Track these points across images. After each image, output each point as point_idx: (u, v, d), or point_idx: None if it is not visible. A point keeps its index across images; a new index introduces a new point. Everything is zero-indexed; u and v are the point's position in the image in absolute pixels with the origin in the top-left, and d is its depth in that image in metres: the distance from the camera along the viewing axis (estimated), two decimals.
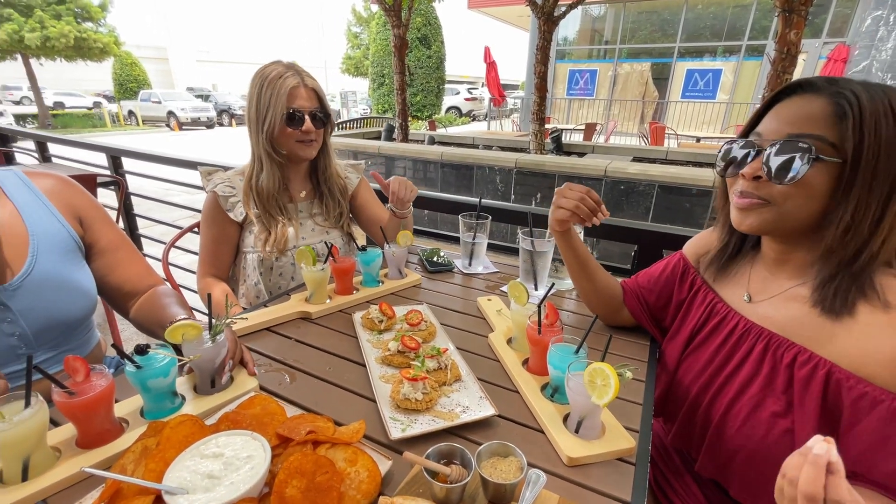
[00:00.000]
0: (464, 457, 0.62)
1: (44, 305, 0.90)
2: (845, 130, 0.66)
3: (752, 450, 0.76)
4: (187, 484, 0.55)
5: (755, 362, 0.79)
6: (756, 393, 0.78)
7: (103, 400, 0.68)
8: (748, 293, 0.86)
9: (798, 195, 0.70)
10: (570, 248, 1.05)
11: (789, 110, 0.73)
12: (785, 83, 3.15)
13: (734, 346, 0.84)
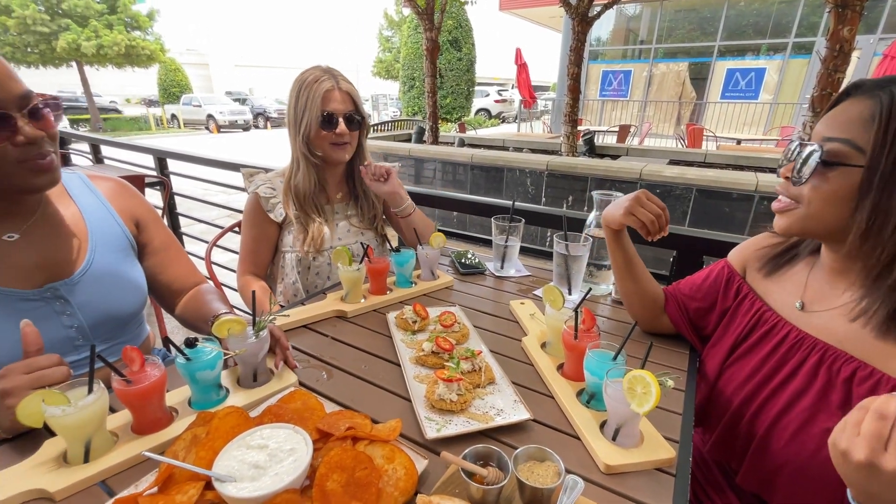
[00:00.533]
0: (500, 459, 0.62)
1: (100, 300, 0.95)
2: (873, 133, 0.65)
3: (801, 466, 0.73)
4: (235, 472, 0.58)
5: (807, 375, 0.77)
6: (808, 407, 0.75)
7: (157, 389, 0.72)
8: (801, 301, 0.83)
9: (819, 197, 0.70)
10: (621, 247, 1.04)
11: (834, 113, 0.72)
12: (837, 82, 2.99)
13: (784, 357, 0.81)
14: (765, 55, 11.32)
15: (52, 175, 0.83)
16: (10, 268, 0.84)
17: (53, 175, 0.84)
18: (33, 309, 0.86)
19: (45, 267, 0.89)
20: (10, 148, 0.75)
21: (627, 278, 1.05)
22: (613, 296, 1.32)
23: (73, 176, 1.01)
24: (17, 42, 15.96)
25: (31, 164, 0.79)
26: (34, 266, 0.87)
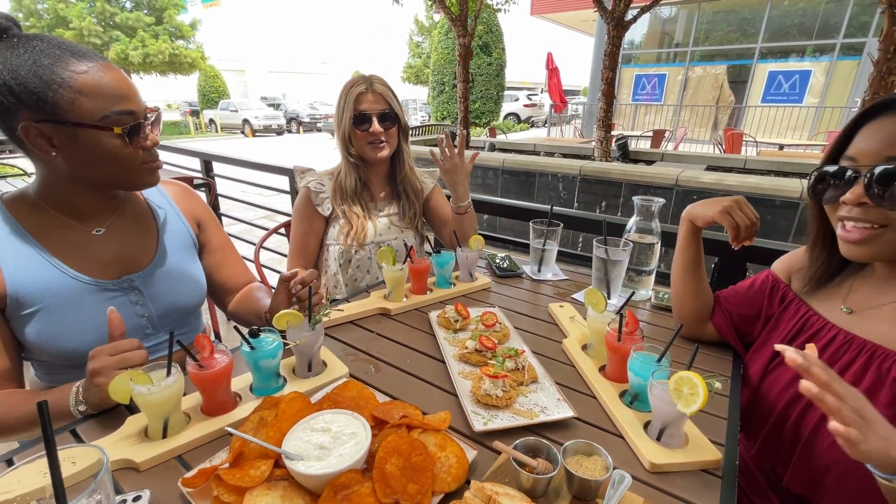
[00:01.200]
0: (550, 452, 0.65)
1: (167, 292, 1.03)
2: None
3: (850, 466, 0.72)
4: (302, 451, 0.62)
5: (855, 374, 0.77)
6: None
7: (225, 374, 0.78)
8: (847, 305, 0.83)
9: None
10: (695, 245, 1.05)
11: (883, 132, 0.71)
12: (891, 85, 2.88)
13: (831, 358, 0.82)
14: (810, 57, 10.86)
15: (157, 176, 0.95)
16: (95, 260, 0.93)
17: (157, 176, 0.95)
18: (112, 298, 0.94)
19: (122, 260, 0.97)
20: (140, 151, 0.87)
21: (690, 278, 1.06)
22: (653, 301, 1.31)
23: None
24: None
25: (150, 165, 0.91)
26: (113, 259, 0.96)
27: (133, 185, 0.96)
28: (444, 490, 0.63)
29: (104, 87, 0.80)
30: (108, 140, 0.82)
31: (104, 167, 0.86)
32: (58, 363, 0.93)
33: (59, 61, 0.78)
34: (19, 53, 0.76)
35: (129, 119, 0.83)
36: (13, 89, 0.75)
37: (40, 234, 0.88)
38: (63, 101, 0.78)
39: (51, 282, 0.87)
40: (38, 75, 0.76)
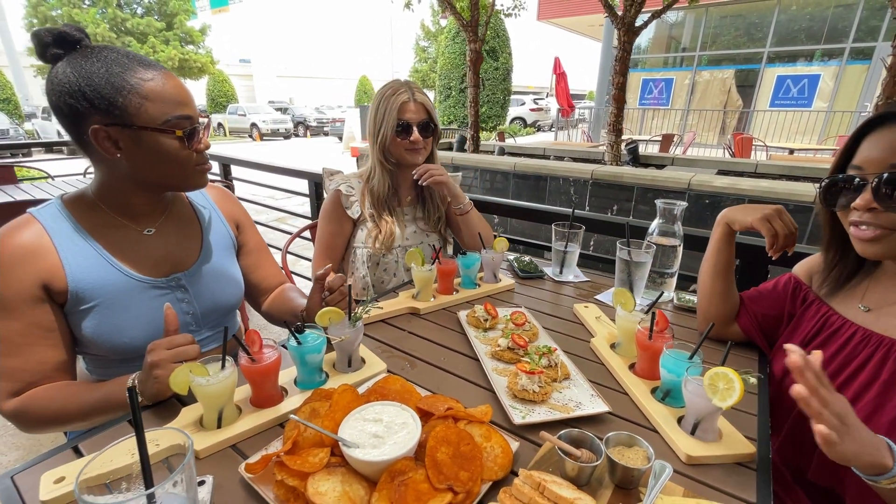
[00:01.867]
0: (593, 443, 0.67)
1: (211, 291, 1.07)
2: None
3: None
4: (357, 440, 0.66)
5: (874, 369, 0.81)
6: (874, 398, 0.78)
7: (274, 368, 0.82)
8: (865, 304, 0.87)
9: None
10: (729, 247, 1.07)
11: (887, 141, 0.76)
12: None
13: (850, 354, 0.86)
14: (819, 61, 10.84)
15: (207, 178, 1.00)
16: (146, 258, 0.97)
17: (207, 178, 1.00)
18: (161, 295, 0.98)
19: (171, 259, 1.01)
20: (194, 154, 0.92)
21: (721, 280, 1.08)
22: (675, 302, 1.34)
23: None
24: None
25: (202, 167, 0.96)
26: (162, 258, 1.00)
27: (186, 186, 1.00)
28: (492, 478, 0.66)
29: (167, 93, 0.86)
30: (168, 142, 0.87)
31: (163, 168, 0.90)
32: (110, 357, 0.97)
33: (129, 70, 0.83)
34: (93, 62, 0.81)
35: (187, 123, 0.89)
36: (87, 95, 0.80)
37: (97, 233, 0.93)
38: (131, 105, 0.83)
39: (107, 279, 0.91)
40: (111, 82, 0.81)
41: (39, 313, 0.87)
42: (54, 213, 0.92)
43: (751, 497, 0.67)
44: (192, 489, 0.54)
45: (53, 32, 0.83)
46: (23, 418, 0.86)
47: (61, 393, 0.87)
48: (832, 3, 10.36)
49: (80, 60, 0.82)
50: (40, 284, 0.86)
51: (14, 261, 0.85)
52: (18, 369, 0.86)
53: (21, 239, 0.87)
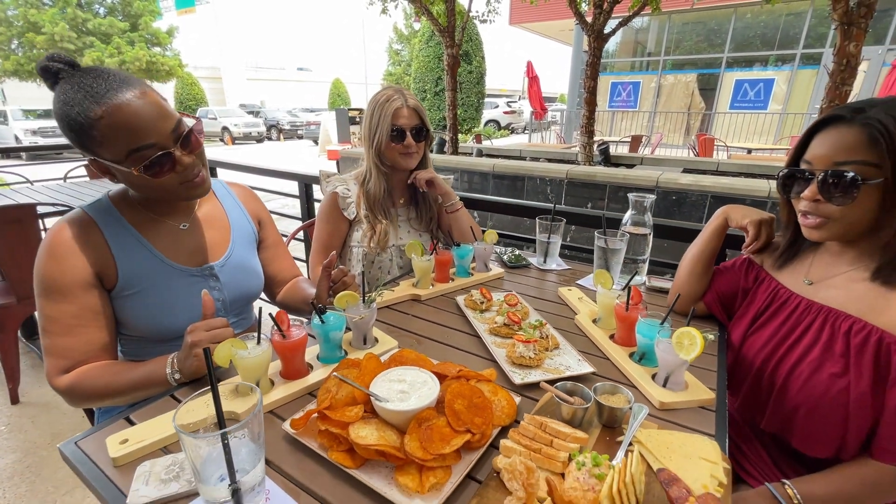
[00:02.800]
0: (584, 392, 0.81)
1: (238, 280, 1.17)
2: (881, 153, 0.81)
3: (813, 405, 0.90)
4: (387, 396, 0.77)
5: (815, 332, 0.94)
6: (816, 357, 0.92)
7: (302, 344, 0.92)
8: (808, 278, 1.01)
9: (854, 211, 0.86)
10: (718, 238, 1.21)
11: (831, 141, 0.88)
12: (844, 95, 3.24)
13: (796, 321, 0.99)
14: (773, 66, 11.49)
15: (204, 187, 1.01)
16: (182, 250, 1.06)
17: (204, 186, 1.01)
18: (196, 283, 1.07)
19: (203, 251, 1.10)
20: (174, 175, 0.93)
21: (703, 264, 1.22)
22: (647, 284, 1.50)
23: (218, 183, 1.24)
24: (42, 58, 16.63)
25: (188, 183, 0.97)
26: (197, 249, 1.09)
27: (182, 200, 1.03)
28: (501, 423, 0.79)
29: (120, 128, 0.85)
30: (136, 176, 0.89)
31: (147, 191, 0.97)
32: (148, 338, 1.05)
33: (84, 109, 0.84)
34: (63, 105, 0.86)
35: (152, 151, 0.88)
36: (70, 125, 0.86)
37: (140, 227, 1.02)
38: (94, 143, 0.87)
39: (150, 267, 1.00)
40: (76, 118, 0.85)
41: (90, 298, 0.95)
42: (103, 208, 1.00)
43: (710, 430, 0.81)
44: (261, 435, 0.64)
45: (40, 65, 0.88)
46: (73, 393, 0.93)
47: (108, 371, 0.95)
48: (784, 11, 11.01)
49: (60, 102, 0.86)
50: (94, 272, 0.95)
51: (70, 250, 0.93)
52: (70, 348, 0.94)
53: (77, 231, 0.95)
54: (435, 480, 0.66)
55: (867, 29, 3.54)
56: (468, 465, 0.71)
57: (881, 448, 0.84)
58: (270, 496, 0.67)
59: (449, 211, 1.67)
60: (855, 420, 0.85)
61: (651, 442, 0.74)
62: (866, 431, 0.86)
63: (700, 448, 0.73)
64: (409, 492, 0.65)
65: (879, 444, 0.84)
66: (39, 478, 1.85)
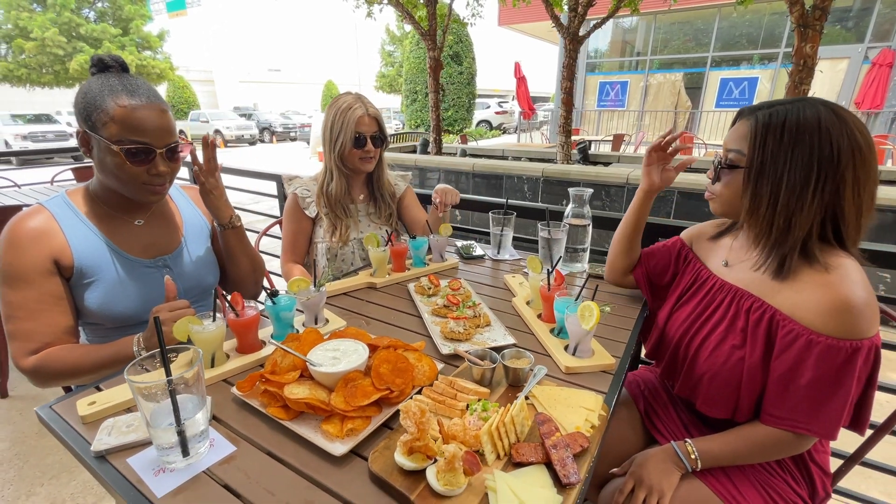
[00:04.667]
0: (492, 356, 0.93)
1: (191, 271, 1.28)
2: (750, 145, 0.94)
3: (715, 372, 1.01)
4: (320, 361, 0.89)
5: (724, 310, 1.05)
6: (722, 331, 1.03)
7: (254, 322, 1.04)
8: (726, 260, 1.12)
9: (726, 191, 1.01)
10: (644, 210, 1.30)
11: (732, 131, 1.01)
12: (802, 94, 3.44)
13: (710, 299, 1.10)
14: (759, 65, 11.70)
15: (158, 197, 1.16)
16: (137, 243, 1.18)
17: (159, 197, 1.16)
18: (150, 274, 1.19)
19: (157, 245, 1.22)
20: (144, 174, 1.07)
21: (629, 236, 1.32)
22: (587, 271, 1.63)
23: (172, 187, 1.36)
24: (33, 63, 16.60)
25: (150, 187, 1.10)
26: (150, 243, 1.21)
27: (135, 197, 1.14)
28: (421, 384, 0.91)
29: (129, 119, 1.02)
30: (116, 157, 1.04)
31: (112, 175, 1.08)
32: (107, 325, 1.16)
33: (113, 94, 1.02)
34: (99, 83, 1.03)
35: (137, 146, 1.04)
36: (79, 104, 1.03)
37: (96, 221, 1.13)
38: (100, 120, 1.02)
39: (106, 258, 1.12)
40: (96, 100, 1.02)
41: (51, 284, 1.06)
42: (60, 203, 1.12)
43: (604, 389, 0.94)
44: (202, 388, 0.76)
45: (97, 56, 1.08)
46: (40, 372, 1.04)
47: (75, 352, 1.06)
48: (767, 10, 11.23)
49: (94, 81, 1.04)
50: (51, 260, 1.06)
51: (29, 241, 1.04)
52: (34, 331, 1.05)
53: (34, 223, 1.06)
54: (352, 426, 0.78)
55: (822, 31, 3.70)
56: (385, 416, 0.83)
57: (766, 413, 0.95)
58: (214, 443, 0.79)
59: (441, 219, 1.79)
60: (747, 386, 0.97)
61: (542, 395, 0.86)
62: (756, 396, 0.98)
63: (583, 400, 0.85)
64: (331, 437, 0.78)
65: (765, 409, 0.95)
66: (27, 464, 1.96)
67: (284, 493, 0.69)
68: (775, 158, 0.90)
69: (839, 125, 0.87)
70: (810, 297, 0.88)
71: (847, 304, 0.83)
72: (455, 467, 0.64)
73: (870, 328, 0.84)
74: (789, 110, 0.91)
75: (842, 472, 1.09)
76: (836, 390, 0.86)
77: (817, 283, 0.88)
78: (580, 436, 0.75)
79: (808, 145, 0.87)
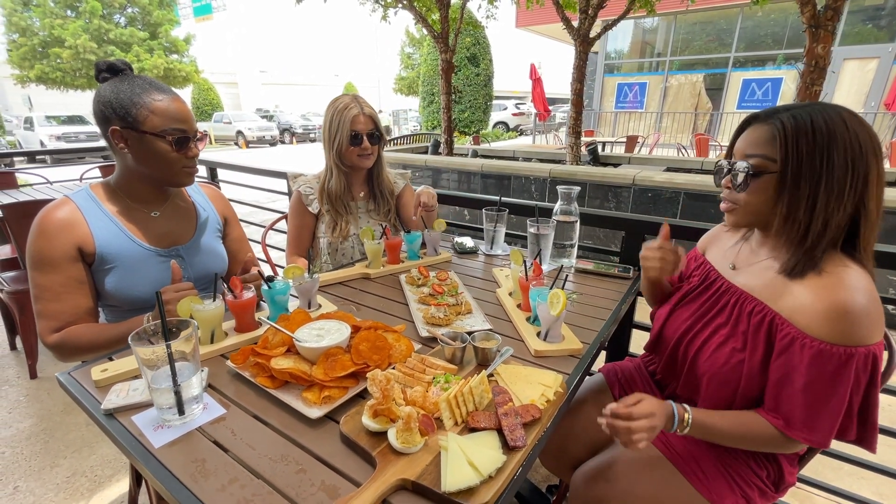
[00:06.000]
0: (463, 337, 1.01)
1: (202, 261, 1.39)
2: (777, 148, 0.89)
3: (715, 372, 1.01)
4: (306, 338, 0.98)
5: (728, 311, 1.05)
6: (724, 333, 1.03)
7: (251, 304, 1.14)
8: (734, 263, 1.11)
9: (753, 199, 0.96)
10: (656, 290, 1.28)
11: (748, 136, 0.98)
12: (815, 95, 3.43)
13: (715, 301, 1.10)
14: (785, 65, 11.42)
15: (193, 179, 1.31)
16: (153, 233, 1.29)
17: (193, 179, 1.31)
18: (165, 261, 1.30)
19: (171, 235, 1.33)
20: (183, 158, 1.22)
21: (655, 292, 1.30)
22: (575, 267, 1.68)
23: None
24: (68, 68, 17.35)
25: (188, 169, 1.26)
26: (165, 234, 1.32)
27: (174, 182, 1.28)
28: (397, 361, 0.99)
29: (169, 111, 1.17)
30: (162, 145, 1.17)
31: (156, 164, 1.20)
32: (123, 307, 1.28)
33: (146, 92, 1.15)
34: (125, 84, 1.15)
35: (179, 134, 1.19)
36: (113, 105, 1.14)
37: (116, 213, 1.25)
38: (140, 116, 1.15)
39: (124, 247, 1.23)
40: (131, 99, 1.14)
41: (75, 269, 1.18)
42: (84, 196, 1.24)
43: (568, 371, 1.01)
44: (196, 359, 0.86)
45: (107, 63, 1.19)
46: (63, 348, 1.16)
47: (92, 329, 1.18)
48: (793, 9, 10.97)
49: (118, 82, 1.16)
50: (76, 247, 1.18)
51: (57, 230, 1.16)
52: (59, 311, 1.17)
53: (61, 214, 1.18)
54: (328, 394, 0.87)
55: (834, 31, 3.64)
56: (361, 387, 0.92)
57: (765, 406, 0.95)
58: (208, 406, 0.89)
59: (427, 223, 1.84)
60: (744, 388, 0.98)
61: (506, 373, 0.94)
62: (755, 399, 0.99)
63: (543, 378, 0.92)
64: (310, 403, 0.87)
65: (765, 403, 0.96)
66: (53, 439, 2.11)
67: (264, 448, 0.78)
68: (811, 160, 0.86)
69: (860, 124, 0.87)
70: (810, 301, 0.86)
71: (841, 309, 0.82)
72: (411, 427, 0.72)
73: (868, 336, 0.82)
74: (811, 112, 0.89)
75: (806, 459, 1.12)
76: (829, 398, 0.85)
77: (818, 287, 0.86)
78: (533, 407, 0.82)
79: (842, 145, 0.85)
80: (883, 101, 10.07)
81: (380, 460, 0.72)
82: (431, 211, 1.77)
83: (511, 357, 1.04)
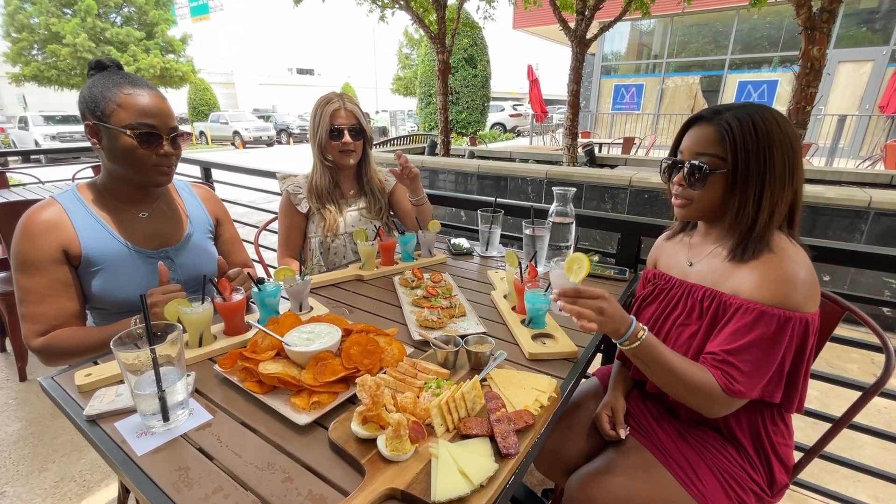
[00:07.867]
0: (456, 341, 0.99)
1: (191, 263, 1.37)
2: (726, 148, 0.97)
3: None
4: (295, 342, 0.96)
5: (683, 304, 1.11)
6: (680, 322, 1.09)
7: (241, 307, 1.12)
8: (689, 259, 1.15)
9: (707, 195, 1.02)
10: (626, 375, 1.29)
11: (695, 136, 1.03)
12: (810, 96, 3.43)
13: (669, 299, 1.16)
14: (781, 67, 11.47)
15: (167, 178, 1.24)
16: (141, 235, 1.27)
17: (168, 179, 1.25)
18: (153, 263, 1.27)
19: (161, 236, 1.31)
20: (154, 156, 1.17)
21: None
22: None
23: (181, 182, 1.46)
24: (64, 67, 17.24)
25: (159, 168, 1.20)
26: (154, 235, 1.29)
27: (145, 181, 1.22)
28: (388, 365, 0.97)
29: (137, 105, 1.12)
30: (126, 139, 1.12)
31: (123, 160, 1.16)
32: (111, 310, 1.25)
33: (117, 85, 1.13)
34: (102, 80, 1.13)
35: (146, 129, 1.13)
36: (86, 99, 1.12)
37: (103, 213, 1.22)
38: (108, 109, 1.12)
39: (110, 248, 1.20)
40: (101, 92, 1.12)
41: (60, 272, 1.16)
42: (70, 196, 1.21)
43: (563, 374, 0.99)
44: (182, 363, 0.84)
45: (97, 60, 1.19)
46: (47, 352, 1.14)
47: (78, 333, 1.16)
48: (788, 12, 11.03)
49: (97, 78, 1.14)
50: (61, 249, 1.15)
51: (41, 231, 1.14)
52: (44, 314, 1.14)
53: (46, 215, 1.16)
54: (317, 399, 0.85)
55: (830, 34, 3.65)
56: (351, 392, 0.90)
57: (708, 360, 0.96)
58: (194, 412, 0.87)
59: (417, 204, 1.83)
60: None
61: (499, 378, 0.92)
62: None
63: (537, 383, 0.90)
64: (298, 409, 0.85)
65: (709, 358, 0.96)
66: (41, 443, 2.08)
67: (251, 455, 0.76)
68: (757, 157, 0.94)
69: (787, 124, 0.97)
70: (756, 276, 0.94)
71: (785, 276, 0.91)
72: (401, 434, 0.71)
73: (804, 304, 0.90)
74: (750, 114, 0.97)
75: (802, 465, 1.11)
76: (767, 357, 0.91)
77: (763, 262, 0.95)
78: (526, 413, 0.80)
79: (779, 142, 0.95)
80: (877, 104, 10.13)
81: (369, 468, 0.70)
82: (415, 177, 1.73)
83: (505, 361, 1.02)
